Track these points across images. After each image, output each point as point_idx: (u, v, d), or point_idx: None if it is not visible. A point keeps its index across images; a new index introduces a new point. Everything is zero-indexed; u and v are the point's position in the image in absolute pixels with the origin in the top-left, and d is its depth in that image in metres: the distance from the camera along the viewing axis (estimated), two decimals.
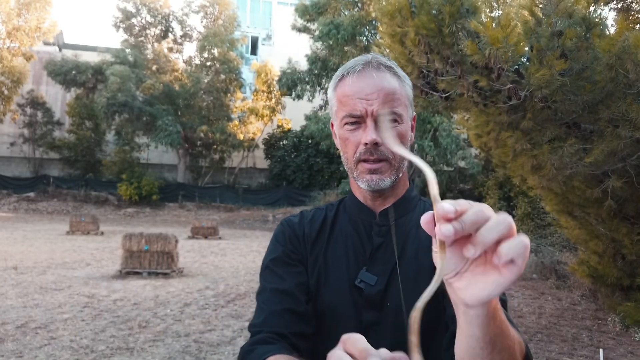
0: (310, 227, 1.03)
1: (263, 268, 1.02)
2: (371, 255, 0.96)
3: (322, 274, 0.96)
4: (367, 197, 1.00)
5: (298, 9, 20.40)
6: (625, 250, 5.13)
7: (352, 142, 0.94)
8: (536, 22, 3.82)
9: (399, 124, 0.94)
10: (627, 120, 3.78)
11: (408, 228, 1.00)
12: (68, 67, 23.61)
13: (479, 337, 0.60)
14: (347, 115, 0.93)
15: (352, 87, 0.93)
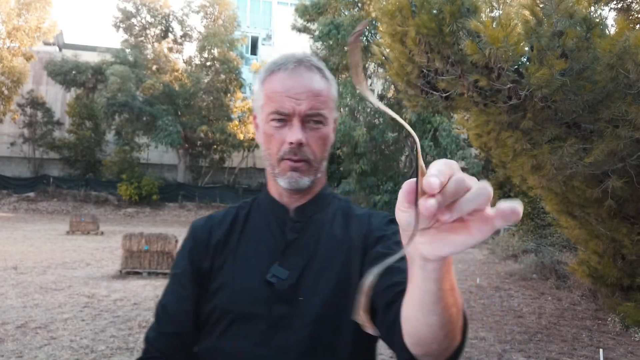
0: (218, 229, 1.03)
1: (170, 275, 1.05)
2: (284, 250, 0.97)
3: (229, 274, 0.97)
4: (283, 194, 1.01)
5: (298, 9, 20.40)
6: (625, 250, 5.13)
7: (276, 140, 0.94)
8: (537, 22, 3.83)
9: (323, 126, 0.96)
10: (627, 121, 3.79)
11: (322, 224, 1.02)
12: (68, 67, 23.61)
13: (434, 292, 0.59)
14: (274, 112, 0.93)
15: (282, 85, 0.93)
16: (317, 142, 0.95)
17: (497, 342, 5.15)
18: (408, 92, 4.67)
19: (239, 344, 0.93)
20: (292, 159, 0.94)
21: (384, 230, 0.98)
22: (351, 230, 1.02)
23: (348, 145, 18.12)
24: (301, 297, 0.93)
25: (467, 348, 4.93)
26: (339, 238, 1.01)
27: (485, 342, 5.15)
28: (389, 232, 0.97)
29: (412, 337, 0.71)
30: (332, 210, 1.05)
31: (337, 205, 1.07)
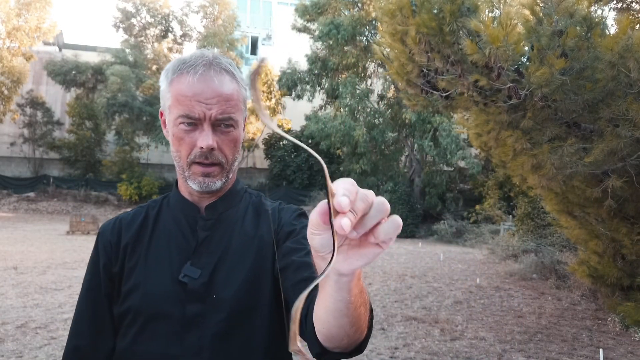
0: (127, 231, 1.02)
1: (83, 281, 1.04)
2: (195, 249, 0.97)
3: (141, 275, 0.96)
4: (194, 194, 1.00)
5: (298, 9, 20.40)
6: (625, 250, 5.12)
7: (187, 143, 0.93)
8: (537, 21, 3.82)
9: (234, 129, 0.96)
10: (627, 120, 3.78)
11: (234, 220, 1.02)
12: (68, 67, 23.60)
13: (347, 299, 0.63)
14: (184, 116, 0.92)
15: (191, 89, 0.91)
16: (228, 146, 0.95)
17: (497, 342, 5.14)
18: (408, 92, 4.67)
19: (154, 345, 0.93)
20: (204, 163, 0.94)
21: (293, 225, 1.01)
22: (262, 226, 1.04)
23: (348, 145, 18.12)
24: (214, 294, 0.93)
25: (467, 348, 4.92)
26: (250, 234, 1.02)
27: (485, 342, 5.15)
28: (298, 226, 1.00)
29: (324, 335, 0.75)
30: (244, 205, 1.06)
31: (249, 200, 1.08)
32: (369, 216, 0.51)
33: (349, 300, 0.64)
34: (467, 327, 5.67)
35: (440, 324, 5.77)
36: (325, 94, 21.07)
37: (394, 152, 19.23)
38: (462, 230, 16.05)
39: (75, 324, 1.00)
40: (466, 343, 5.08)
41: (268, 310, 0.96)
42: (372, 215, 0.51)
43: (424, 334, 5.34)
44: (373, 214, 0.51)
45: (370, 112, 18.49)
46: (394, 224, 0.51)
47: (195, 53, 0.97)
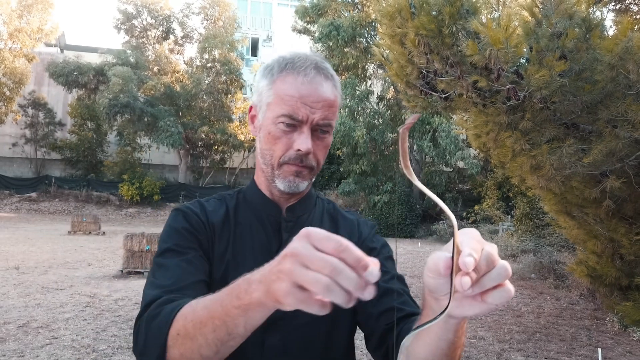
0: (213, 216, 0.97)
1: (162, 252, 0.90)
2: (278, 250, 0.94)
3: (229, 268, 0.92)
4: (276, 193, 0.98)
5: (298, 10, 20.44)
6: (624, 250, 5.14)
7: (283, 143, 0.92)
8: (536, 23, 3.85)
9: (329, 135, 0.95)
10: (626, 121, 3.80)
11: (312, 224, 1.00)
12: (70, 68, 23.65)
13: (450, 340, 0.68)
14: (287, 116, 0.90)
15: (299, 90, 0.90)
16: (321, 151, 0.95)
17: (496, 342, 5.17)
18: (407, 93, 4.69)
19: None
20: (297, 165, 0.92)
21: (373, 242, 1.02)
22: (341, 234, 1.01)
23: (348, 145, 18.14)
24: None
25: (466, 347, 4.95)
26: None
27: (484, 341, 5.17)
28: (378, 245, 1.02)
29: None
30: (319, 211, 1.06)
31: (323, 207, 1.08)
32: (489, 277, 0.54)
33: (452, 341, 0.68)
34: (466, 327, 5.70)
35: None
36: None
37: (393, 152, 19.24)
38: None
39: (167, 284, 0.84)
40: (465, 342, 5.10)
41: (349, 321, 0.96)
42: (492, 278, 0.54)
43: None
44: (493, 277, 0.54)
45: (370, 113, 18.52)
46: (507, 293, 0.54)
47: (299, 54, 0.95)
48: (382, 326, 0.89)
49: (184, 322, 0.68)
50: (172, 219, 0.95)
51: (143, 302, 0.81)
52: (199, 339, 0.66)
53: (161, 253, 0.90)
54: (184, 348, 0.67)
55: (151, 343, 0.72)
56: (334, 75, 0.96)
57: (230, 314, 0.62)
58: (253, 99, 0.99)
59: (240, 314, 0.61)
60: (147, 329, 0.74)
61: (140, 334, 0.75)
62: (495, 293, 0.54)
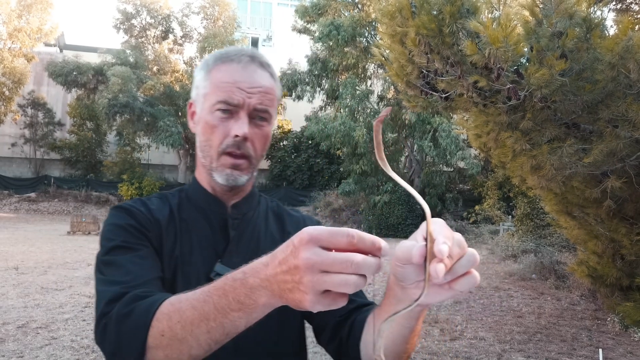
0: (159, 214, 0.94)
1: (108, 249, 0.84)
2: (226, 249, 0.95)
3: (179, 267, 0.90)
4: (218, 190, 0.97)
5: (298, 10, 20.43)
6: (625, 250, 5.13)
7: (220, 131, 0.91)
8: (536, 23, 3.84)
9: (267, 124, 0.94)
10: (627, 121, 3.79)
11: (258, 222, 1.01)
12: (69, 68, 23.64)
13: (412, 327, 0.71)
14: (222, 102, 0.89)
15: (234, 76, 0.90)
16: (260, 140, 0.94)
17: (496, 342, 5.15)
18: (408, 93, 4.68)
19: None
20: (234, 153, 0.91)
21: None
22: (288, 231, 1.03)
23: (348, 145, 18.13)
24: None
25: (466, 348, 4.94)
26: (276, 237, 1.01)
27: (484, 342, 5.16)
28: None
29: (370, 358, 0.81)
30: (263, 208, 1.05)
31: (267, 204, 1.07)
32: (459, 264, 0.55)
33: (412, 328, 0.71)
34: (466, 327, 5.69)
35: (439, 324, 5.79)
36: (326, 95, 21.09)
37: (393, 152, 19.24)
38: (461, 230, 16.05)
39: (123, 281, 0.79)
40: (466, 343, 5.09)
41: (299, 315, 0.97)
42: (462, 265, 0.55)
43: (424, 333, 5.36)
44: (464, 264, 0.55)
45: (370, 113, 18.50)
46: (474, 280, 0.56)
47: (235, 47, 0.97)
48: (334, 319, 0.90)
49: (170, 322, 0.66)
50: (114, 217, 0.90)
51: (102, 299, 0.76)
52: (189, 340, 0.64)
53: (108, 251, 0.84)
54: (171, 349, 0.66)
55: (126, 343, 0.68)
56: (270, 66, 0.96)
57: (229, 317, 0.61)
58: (192, 95, 0.98)
59: (242, 316, 0.61)
60: (118, 328, 0.70)
61: (109, 333, 0.71)
62: (464, 280, 0.56)
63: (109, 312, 0.73)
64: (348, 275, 0.52)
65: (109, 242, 0.85)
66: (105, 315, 0.73)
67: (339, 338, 0.90)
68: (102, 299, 0.76)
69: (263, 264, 0.59)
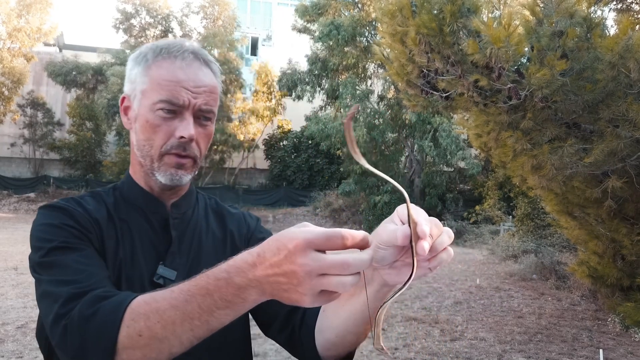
0: (97, 214, 0.88)
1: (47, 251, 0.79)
2: (168, 249, 0.92)
3: (123, 268, 0.87)
4: (156, 189, 0.94)
5: (298, 9, 20.41)
6: (625, 250, 5.12)
7: (163, 131, 0.87)
8: (537, 22, 3.83)
9: (211, 124, 0.92)
10: (627, 120, 3.79)
11: (198, 220, 0.99)
12: (68, 68, 23.63)
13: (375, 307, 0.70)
14: (166, 101, 0.85)
15: (178, 74, 0.86)
16: (204, 140, 0.91)
17: (497, 343, 5.14)
18: (408, 92, 4.67)
19: None
20: (180, 154, 0.88)
21: (262, 233, 1.04)
22: (229, 228, 1.02)
23: None
24: None
25: (467, 348, 4.92)
26: (218, 236, 1.00)
27: (485, 342, 5.15)
28: (266, 235, 1.01)
29: (330, 343, 0.83)
30: (202, 206, 1.03)
31: (205, 202, 1.05)
32: (439, 242, 0.61)
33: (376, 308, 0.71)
34: (467, 328, 5.68)
35: (440, 324, 5.77)
36: (326, 95, 21.07)
37: (394, 152, 19.23)
38: (462, 230, 16.05)
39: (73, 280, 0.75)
40: (466, 343, 5.08)
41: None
42: (442, 242, 0.61)
43: (424, 334, 5.34)
44: (443, 241, 0.61)
45: (370, 113, 18.49)
46: (449, 254, 0.62)
47: (174, 40, 0.92)
48: (285, 309, 0.90)
49: (148, 322, 0.64)
50: (48, 217, 0.84)
51: (55, 300, 0.72)
52: (171, 339, 0.64)
53: (48, 252, 0.79)
54: (149, 349, 0.65)
55: (93, 345, 0.66)
56: (212, 62, 0.93)
57: (215, 314, 0.62)
58: (125, 89, 0.94)
59: (229, 313, 0.62)
60: (82, 329, 0.67)
61: (71, 335, 0.68)
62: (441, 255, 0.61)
63: (67, 313, 0.70)
64: (344, 277, 0.55)
65: (47, 242, 0.80)
66: (63, 316, 0.70)
67: (291, 327, 0.90)
68: (55, 300, 0.72)
69: (249, 264, 0.59)
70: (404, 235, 0.58)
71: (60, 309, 0.71)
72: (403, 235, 0.58)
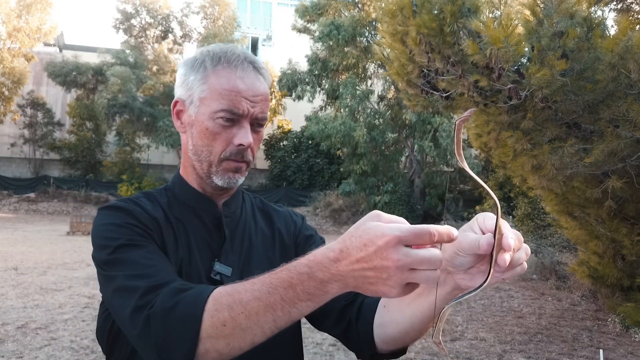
0: (154, 213, 0.92)
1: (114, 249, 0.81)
2: (222, 247, 0.96)
3: (183, 265, 0.90)
4: (208, 190, 0.97)
5: (298, 9, 20.41)
6: (625, 250, 5.12)
7: (222, 139, 0.90)
8: (537, 22, 3.83)
9: (262, 128, 0.95)
10: (628, 121, 3.78)
11: (247, 219, 1.03)
12: (68, 68, 23.61)
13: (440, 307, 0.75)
14: (227, 111, 0.89)
15: (238, 84, 0.89)
16: (257, 144, 0.95)
17: (497, 343, 5.14)
18: (408, 92, 4.67)
19: None
20: (238, 160, 0.92)
21: (308, 230, 1.08)
22: (277, 226, 1.06)
23: (348, 145, 18.13)
24: None
25: (467, 348, 4.92)
26: (267, 233, 1.04)
27: (485, 342, 5.15)
28: (312, 232, 1.09)
29: (390, 338, 0.87)
30: (249, 206, 1.07)
31: (252, 202, 1.09)
32: (517, 256, 0.63)
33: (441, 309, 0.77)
34: (467, 328, 5.68)
35: None
36: (326, 95, 21.07)
37: (394, 152, 19.23)
38: None
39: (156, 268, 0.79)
40: (466, 344, 5.08)
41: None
42: (519, 257, 0.64)
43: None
44: (522, 256, 0.64)
45: (370, 113, 18.49)
46: (524, 269, 0.65)
47: (229, 47, 0.94)
48: (341, 303, 0.93)
49: (232, 313, 0.67)
50: (109, 217, 0.87)
51: (132, 293, 0.75)
52: (253, 329, 0.67)
53: (115, 250, 0.81)
54: (233, 338, 0.68)
55: (177, 335, 0.69)
56: (265, 69, 0.96)
57: (297, 306, 0.65)
58: (179, 93, 0.96)
59: (310, 305, 0.65)
60: (165, 320, 0.70)
61: (154, 326, 0.70)
62: (517, 269, 0.64)
63: (146, 305, 0.72)
64: (432, 272, 0.58)
65: (113, 240, 0.82)
66: (142, 307, 0.73)
67: (347, 320, 0.93)
68: (132, 293, 0.75)
69: (331, 259, 0.62)
70: (488, 244, 0.61)
71: (138, 301, 0.74)
72: (487, 244, 0.61)
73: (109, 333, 0.89)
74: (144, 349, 0.74)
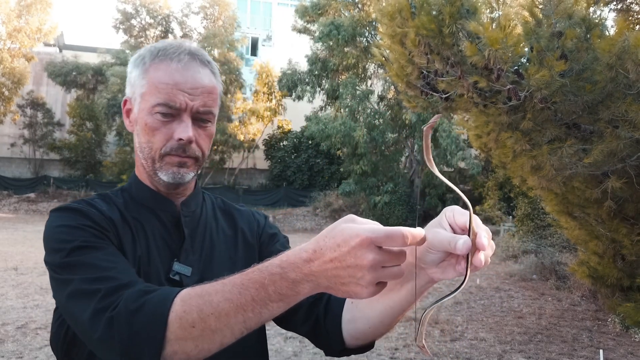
0: (110, 214, 0.89)
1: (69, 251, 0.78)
2: (182, 246, 0.94)
3: (141, 266, 0.88)
4: (162, 189, 0.95)
5: (298, 10, 20.41)
6: (625, 250, 5.12)
7: (162, 134, 0.88)
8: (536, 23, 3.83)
9: (211, 124, 0.93)
10: (627, 121, 3.79)
11: (207, 218, 1.02)
12: (68, 68, 23.62)
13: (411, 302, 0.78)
14: (163, 105, 0.86)
15: (173, 77, 0.87)
16: (204, 140, 0.93)
17: (497, 343, 5.15)
18: (408, 93, 4.68)
19: None
20: (180, 155, 0.89)
21: (272, 229, 1.07)
22: (241, 226, 1.05)
23: (348, 146, 18.12)
24: None
25: (467, 349, 4.93)
26: (229, 233, 1.02)
27: (485, 342, 5.15)
28: (276, 230, 1.09)
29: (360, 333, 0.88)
30: (210, 205, 1.05)
31: (212, 201, 1.08)
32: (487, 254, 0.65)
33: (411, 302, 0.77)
34: (467, 328, 5.68)
35: (440, 324, 5.78)
36: (326, 95, 21.06)
37: (394, 152, 19.22)
38: None
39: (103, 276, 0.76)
40: (466, 344, 5.08)
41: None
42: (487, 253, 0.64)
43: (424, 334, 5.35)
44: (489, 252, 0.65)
45: (370, 113, 18.49)
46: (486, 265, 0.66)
47: (172, 42, 0.93)
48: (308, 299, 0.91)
49: (201, 314, 0.66)
50: (62, 219, 0.84)
51: (90, 297, 0.72)
52: (224, 331, 0.67)
53: (70, 252, 0.78)
54: (202, 340, 0.67)
55: (143, 337, 0.67)
56: (211, 62, 0.94)
57: (268, 307, 0.65)
58: (126, 91, 0.95)
59: (281, 305, 0.65)
60: (130, 322, 0.68)
61: (118, 328, 0.68)
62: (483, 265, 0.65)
63: (107, 307, 0.70)
64: (398, 267, 0.60)
65: (67, 243, 0.79)
66: (104, 310, 0.70)
67: (315, 317, 0.93)
68: (91, 297, 0.72)
69: (303, 259, 0.62)
70: (466, 247, 0.61)
71: (98, 304, 0.72)
72: (465, 247, 0.61)
73: (64, 339, 0.86)
74: (106, 353, 0.71)
